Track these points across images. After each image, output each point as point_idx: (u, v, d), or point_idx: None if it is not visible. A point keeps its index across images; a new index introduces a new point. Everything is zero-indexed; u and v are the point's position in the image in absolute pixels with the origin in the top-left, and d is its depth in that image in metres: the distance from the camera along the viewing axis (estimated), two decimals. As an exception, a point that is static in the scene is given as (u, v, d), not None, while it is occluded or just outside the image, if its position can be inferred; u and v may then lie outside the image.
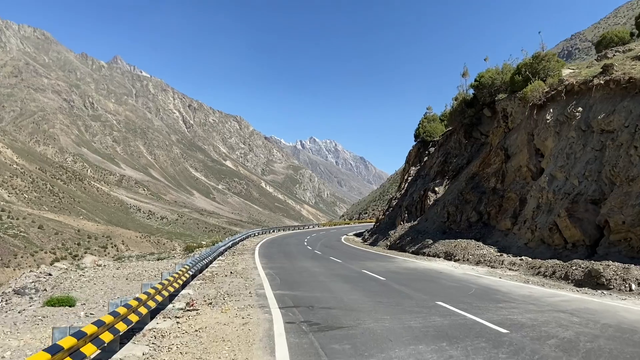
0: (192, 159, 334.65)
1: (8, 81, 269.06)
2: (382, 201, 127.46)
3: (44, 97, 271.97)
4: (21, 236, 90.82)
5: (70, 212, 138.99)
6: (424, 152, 39.86)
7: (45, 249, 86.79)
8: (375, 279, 13.80)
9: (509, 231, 18.34)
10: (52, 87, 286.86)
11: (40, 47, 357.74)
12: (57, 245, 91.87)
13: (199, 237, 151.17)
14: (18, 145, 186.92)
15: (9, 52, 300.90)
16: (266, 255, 23.46)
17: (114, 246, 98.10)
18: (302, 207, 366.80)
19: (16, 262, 77.07)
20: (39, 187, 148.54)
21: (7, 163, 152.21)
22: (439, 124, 39.04)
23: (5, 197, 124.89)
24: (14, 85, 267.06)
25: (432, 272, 15.53)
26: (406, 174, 41.07)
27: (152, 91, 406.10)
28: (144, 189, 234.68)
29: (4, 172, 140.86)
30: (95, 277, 15.32)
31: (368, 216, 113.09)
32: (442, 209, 24.59)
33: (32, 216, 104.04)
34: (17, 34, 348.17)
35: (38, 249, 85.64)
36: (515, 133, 20.19)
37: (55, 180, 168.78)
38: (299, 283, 13.01)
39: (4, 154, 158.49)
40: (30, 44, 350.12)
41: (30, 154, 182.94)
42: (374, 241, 34.09)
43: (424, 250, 22.05)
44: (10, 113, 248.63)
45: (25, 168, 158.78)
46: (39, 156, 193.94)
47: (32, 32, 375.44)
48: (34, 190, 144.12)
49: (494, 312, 8.53)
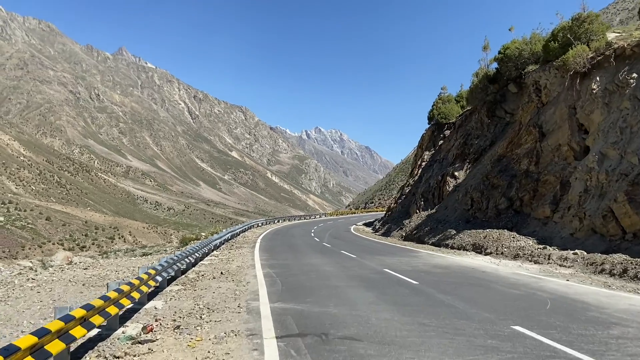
0: (198, 149, 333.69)
1: (14, 73, 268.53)
2: (388, 190, 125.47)
3: (50, 89, 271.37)
4: (29, 228, 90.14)
5: (78, 203, 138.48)
6: (439, 135, 37.54)
7: (53, 241, 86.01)
8: (405, 282, 10.98)
9: (548, 219, 16.23)
10: (58, 79, 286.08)
11: (46, 39, 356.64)
12: (65, 237, 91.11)
13: (206, 227, 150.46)
14: (25, 137, 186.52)
15: (14, 44, 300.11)
16: (268, 249, 20.95)
17: (121, 237, 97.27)
18: (308, 197, 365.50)
19: (24, 253, 76.42)
20: (46, 179, 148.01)
21: (14, 155, 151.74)
22: (454, 105, 36.39)
23: (12, 189, 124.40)
24: (19, 77, 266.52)
25: (472, 271, 12.84)
26: (419, 159, 38.85)
27: (157, 82, 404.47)
28: (150, 180, 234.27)
29: (11, 164, 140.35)
30: (47, 281, 12.14)
31: (374, 205, 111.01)
32: (464, 196, 22.50)
33: (39, 208, 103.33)
34: (22, 26, 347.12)
35: (46, 241, 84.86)
36: (551, 107, 18.04)
37: (62, 172, 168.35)
38: (305, 289, 10.15)
39: (11, 146, 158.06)
40: (36, 36, 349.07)
41: (37, 146, 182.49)
42: (387, 231, 32.11)
43: (447, 241, 19.96)
44: (16, 105, 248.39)
45: (33, 160, 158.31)
46: (46, 148, 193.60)
47: (37, 24, 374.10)
48: (41, 182, 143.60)
49: (615, 348, 5.62)
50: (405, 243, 23.64)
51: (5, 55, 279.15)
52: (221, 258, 17.58)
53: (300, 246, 22.64)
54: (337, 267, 14.08)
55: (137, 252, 24.33)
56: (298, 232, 34.74)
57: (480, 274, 12.32)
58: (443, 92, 38.64)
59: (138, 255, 21.76)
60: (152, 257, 18.90)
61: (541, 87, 19.06)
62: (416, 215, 27.70)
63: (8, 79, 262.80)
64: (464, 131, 28.20)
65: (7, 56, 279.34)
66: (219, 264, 15.47)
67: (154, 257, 19.13)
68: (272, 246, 22.68)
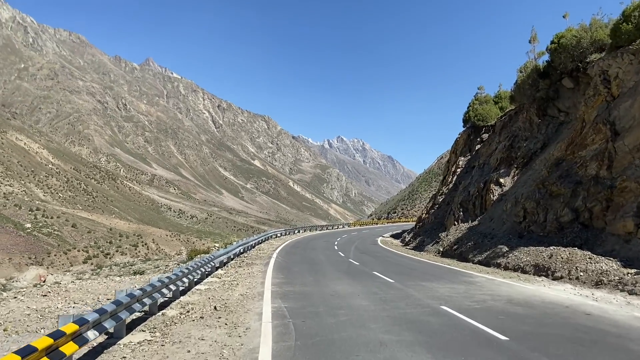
0: (221, 158, 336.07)
1: (45, 84, 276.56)
2: (412, 200, 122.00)
3: (79, 98, 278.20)
4: (55, 235, 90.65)
5: (103, 210, 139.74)
6: (475, 139, 34.68)
7: (78, 247, 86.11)
8: (484, 336, 7.28)
9: (631, 236, 13.30)
10: (86, 89, 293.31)
11: (76, 50, 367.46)
12: (90, 244, 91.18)
13: (227, 236, 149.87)
14: (54, 145, 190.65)
15: (45, 55, 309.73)
16: (284, 267, 17.84)
17: (144, 244, 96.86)
18: (329, 206, 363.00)
19: (49, 260, 76.56)
20: (73, 187, 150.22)
21: (43, 163, 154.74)
22: (492, 106, 33.54)
23: (40, 196, 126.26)
24: (50, 87, 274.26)
25: (569, 312, 9.24)
26: (453, 165, 36.00)
27: (182, 92, 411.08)
28: (174, 188, 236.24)
29: (40, 172, 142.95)
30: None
31: (397, 216, 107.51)
32: (513, 206, 19.54)
33: (65, 215, 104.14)
34: (54, 38, 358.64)
35: (71, 247, 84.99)
36: (627, 100, 15.23)
37: (89, 179, 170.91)
38: (333, 348, 6.60)
39: (40, 154, 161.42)
40: (66, 47, 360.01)
41: (65, 154, 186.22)
42: (420, 245, 29.15)
43: (498, 260, 17.00)
44: (46, 115, 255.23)
45: (61, 168, 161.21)
46: (74, 156, 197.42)
47: (68, 36, 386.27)
48: (69, 189, 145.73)
49: None
50: (446, 261, 20.56)
51: (36, 66, 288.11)
52: (224, 280, 14.58)
53: (322, 264, 19.28)
54: (373, 299, 10.66)
55: (135, 266, 21.90)
56: (320, 245, 31.43)
57: (585, 318, 8.67)
58: (480, 93, 35.71)
59: (132, 272, 19.03)
60: (145, 277, 16.07)
61: (611, 77, 16.28)
62: (454, 227, 24.79)
63: (39, 89, 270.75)
64: (509, 133, 25.30)
65: (38, 67, 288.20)
66: (218, 291, 12.35)
67: (148, 276, 16.36)
68: (290, 263, 19.50)
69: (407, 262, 20.31)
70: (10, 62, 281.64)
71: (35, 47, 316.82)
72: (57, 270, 74.40)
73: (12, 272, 67.23)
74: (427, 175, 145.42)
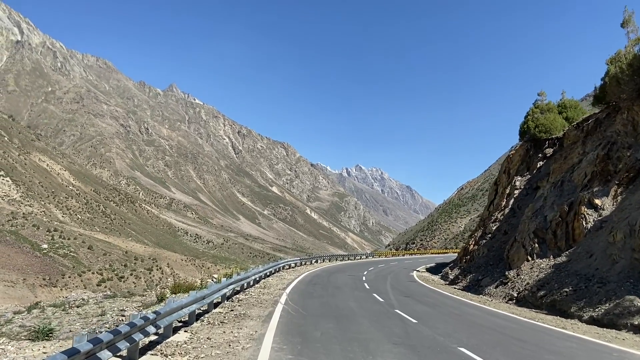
0: (240, 184, 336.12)
1: (70, 107, 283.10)
2: (431, 231, 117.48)
3: (103, 122, 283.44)
4: (71, 256, 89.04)
5: (121, 233, 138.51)
6: (536, 155, 29.98)
7: (92, 270, 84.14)
8: None
9: None
10: (110, 113, 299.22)
11: (102, 75, 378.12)
12: (105, 266, 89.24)
13: (243, 262, 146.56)
14: (75, 167, 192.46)
15: (72, 79, 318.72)
16: (295, 328, 10.82)
17: (159, 268, 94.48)
18: (347, 235, 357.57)
19: (64, 281, 74.63)
20: (92, 209, 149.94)
21: (64, 184, 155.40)
22: (557, 116, 28.99)
23: (59, 217, 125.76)
24: (75, 110, 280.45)
25: None
26: (507, 186, 31.52)
27: (204, 118, 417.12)
28: (192, 212, 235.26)
29: (60, 193, 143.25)
30: None
31: (416, 246, 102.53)
32: (628, 237, 15.12)
33: (82, 236, 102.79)
34: (81, 63, 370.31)
35: (86, 269, 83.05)
36: None
37: (108, 202, 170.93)
38: None
39: (61, 175, 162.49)
40: (93, 72, 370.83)
41: (86, 177, 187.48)
42: (472, 284, 24.25)
43: (632, 320, 12.04)
44: (70, 137, 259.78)
45: (81, 190, 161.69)
46: (95, 179, 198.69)
47: (95, 61, 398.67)
48: (87, 211, 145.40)
49: None
50: (537, 315, 14.82)
51: (63, 90, 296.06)
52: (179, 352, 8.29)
53: (357, 319, 12.45)
54: None
55: (102, 305, 17.27)
56: (345, 281, 24.76)
57: None
58: (540, 99, 30.76)
59: (35, 331, 11.74)
60: (42, 346, 9.73)
61: None
62: (527, 264, 20.22)
63: (64, 112, 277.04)
64: (601, 140, 20.78)
65: (65, 90, 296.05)
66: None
67: (48, 344, 9.98)
68: (305, 317, 12.48)
69: (484, 318, 13.86)
70: (39, 85, 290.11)
71: (63, 72, 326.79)
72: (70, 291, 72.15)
73: (26, 293, 65.12)
74: (447, 206, 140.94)
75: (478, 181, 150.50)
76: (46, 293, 70.64)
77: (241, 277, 17.57)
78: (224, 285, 14.38)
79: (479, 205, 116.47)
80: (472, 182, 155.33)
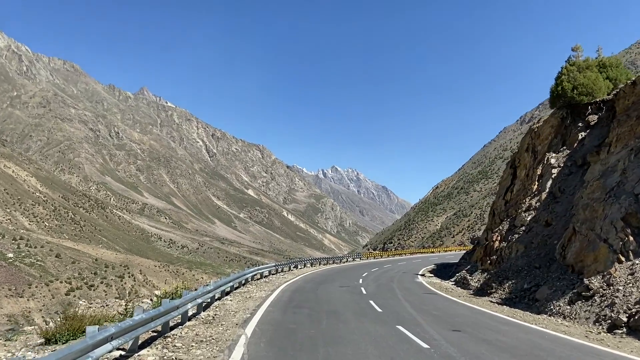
0: (215, 187, 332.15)
1: (36, 111, 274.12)
2: (409, 230, 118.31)
3: (71, 126, 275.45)
4: (37, 265, 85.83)
5: (91, 240, 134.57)
6: (574, 125, 24.25)
7: (60, 279, 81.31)
8: None
9: None
10: (79, 117, 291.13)
11: (69, 79, 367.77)
12: (73, 275, 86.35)
13: (219, 266, 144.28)
14: (43, 173, 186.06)
15: (38, 83, 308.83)
16: None
17: (131, 276, 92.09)
18: (324, 236, 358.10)
19: (30, 292, 71.88)
20: (60, 215, 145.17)
21: (31, 191, 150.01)
22: (598, 75, 23.59)
23: (25, 225, 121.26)
24: (41, 115, 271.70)
25: None
26: (533, 167, 25.12)
27: (176, 121, 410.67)
28: (165, 217, 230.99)
29: (27, 200, 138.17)
30: None
31: (394, 246, 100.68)
32: None
33: (50, 244, 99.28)
34: (47, 66, 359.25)
35: (53, 279, 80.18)
36: None
37: (77, 208, 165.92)
38: None
39: (27, 182, 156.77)
40: (60, 75, 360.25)
41: (54, 183, 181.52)
42: (518, 296, 17.55)
43: None
44: (37, 142, 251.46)
45: (49, 196, 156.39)
46: (63, 184, 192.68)
47: (62, 65, 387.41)
48: (55, 218, 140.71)
49: None
50: None
51: (28, 94, 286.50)
52: None
53: None
54: None
55: None
56: (340, 298, 17.02)
57: None
58: (576, 55, 25.26)
59: None
60: None
61: None
62: (621, 267, 13.58)
63: (30, 117, 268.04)
64: None
65: (31, 95, 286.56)
66: None
67: None
68: None
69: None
70: (3, 90, 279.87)
71: (29, 76, 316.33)
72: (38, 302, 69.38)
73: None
74: (423, 205, 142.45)
75: (453, 179, 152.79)
76: (12, 304, 67.82)
77: (169, 306, 9.29)
78: (127, 325, 7.10)
79: (454, 204, 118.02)
80: (447, 180, 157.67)
